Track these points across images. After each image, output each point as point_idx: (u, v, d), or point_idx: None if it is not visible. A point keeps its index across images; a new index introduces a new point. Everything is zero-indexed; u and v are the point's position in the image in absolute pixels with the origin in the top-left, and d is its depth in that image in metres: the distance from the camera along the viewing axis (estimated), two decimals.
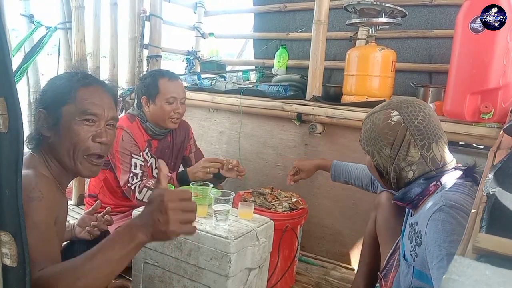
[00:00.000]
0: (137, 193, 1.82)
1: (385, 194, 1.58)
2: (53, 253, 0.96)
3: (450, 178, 1.12)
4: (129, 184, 1.84)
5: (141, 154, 1.91)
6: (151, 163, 1.99)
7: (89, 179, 2.09)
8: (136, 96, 2.04)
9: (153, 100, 1.94)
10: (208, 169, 1.86)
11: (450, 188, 1.09)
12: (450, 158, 1.18)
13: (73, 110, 1.07)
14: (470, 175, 1.14)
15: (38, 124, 1.09)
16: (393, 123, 1.15)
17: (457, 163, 1.19)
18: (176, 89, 1.97)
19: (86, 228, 1.46)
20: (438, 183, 1.12)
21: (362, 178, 1.68)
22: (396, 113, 1.15)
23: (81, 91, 1.09)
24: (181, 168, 2.25)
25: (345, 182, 1.74)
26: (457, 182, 1.10)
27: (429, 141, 1.13)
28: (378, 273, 1.39)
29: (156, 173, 1.99)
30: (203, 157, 2.27)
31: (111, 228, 1.80)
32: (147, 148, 1.99)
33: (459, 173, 1.15)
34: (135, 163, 1.86)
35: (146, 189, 1.82)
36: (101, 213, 1.53)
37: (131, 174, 1.84)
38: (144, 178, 1.87)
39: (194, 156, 2.23)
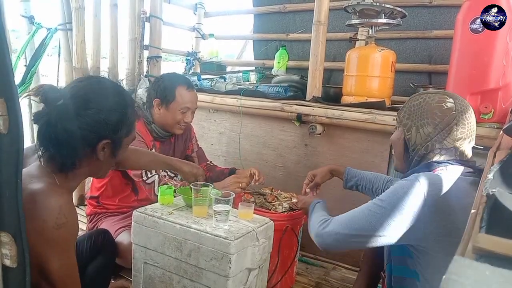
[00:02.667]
0: (155, 188, 1.81)
1: None
2: (77, 275, 1.08)
3: (456, 169, 1.17)
4: (144, 178, 1.81)
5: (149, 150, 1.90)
6: None
7: (92, 180, 2.08)
8: (147, 96, 2.01)
9: (166, 105, 1.92)
10: (240, 184, 1.81)
11: (444, 174, 1.14)
12: (471, 158, 1.25)
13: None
14: (479, 174, 1.16)
15: (98, 152, 1.11)
16: (446, 107, 1.20)
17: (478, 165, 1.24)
18: (192, 100, 1.96)
19: None
20: (444, 169, 1.17)
21: (375, 181, 1.69)
22: (451, 100, 1.21)
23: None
24: None
25: (355, 185, 1.73)
26: (457, 174, 1.15)
27: (466, 137, 1.20)
28: (382, 272, 1.39)
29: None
30: (205, 156, 2.27)
31: (112, 229, 1.81)
32: (153, 149, 1.98)
33: (469, 169, 1.19)
34: None
35: None
36: None
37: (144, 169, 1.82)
38: (159, 173, 1.85)
39: (197, 155, 2.22)
